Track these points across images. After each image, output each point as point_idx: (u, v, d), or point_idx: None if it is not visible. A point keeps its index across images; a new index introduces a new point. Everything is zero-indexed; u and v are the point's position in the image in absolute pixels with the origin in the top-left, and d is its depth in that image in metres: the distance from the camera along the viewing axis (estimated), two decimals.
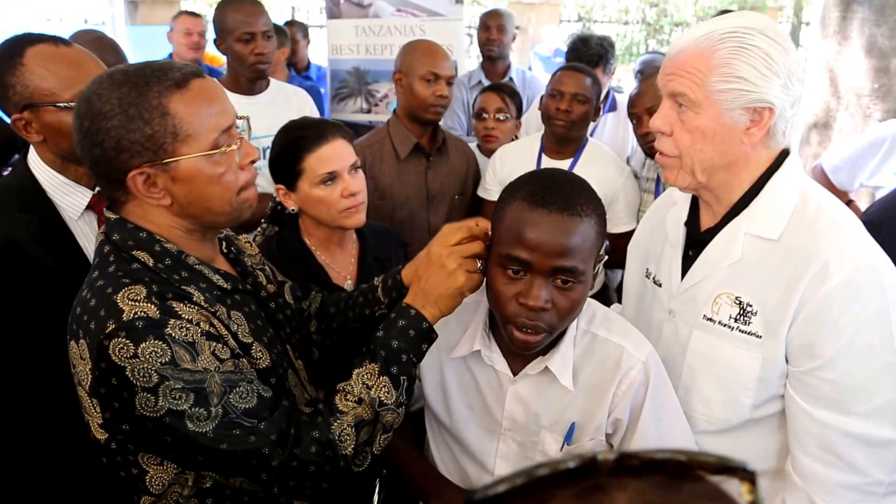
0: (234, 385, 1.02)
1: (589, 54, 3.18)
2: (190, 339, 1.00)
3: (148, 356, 0.96)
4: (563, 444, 1.23)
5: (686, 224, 1.35)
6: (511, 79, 3.56)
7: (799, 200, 1.19)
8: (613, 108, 3.28)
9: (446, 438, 1.36)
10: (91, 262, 1.49)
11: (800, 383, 1.17)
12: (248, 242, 1.42)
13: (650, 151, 2.28)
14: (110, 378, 0.97)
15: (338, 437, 1.07)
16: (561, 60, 5.38)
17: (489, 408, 1.27)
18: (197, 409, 0.98)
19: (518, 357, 1.23)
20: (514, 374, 1.24)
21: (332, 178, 1.65)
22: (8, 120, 1.51)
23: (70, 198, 1.53)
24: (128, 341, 0.96)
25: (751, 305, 1.20)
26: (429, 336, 1.16)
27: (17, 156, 2.64)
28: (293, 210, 1.71)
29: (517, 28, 4.04)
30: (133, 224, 1.08)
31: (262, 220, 1.87)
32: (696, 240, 1.31)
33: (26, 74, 1.41)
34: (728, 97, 1.13)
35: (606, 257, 1.20)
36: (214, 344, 1.04)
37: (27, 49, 1.42)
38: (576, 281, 1.09)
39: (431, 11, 3.59)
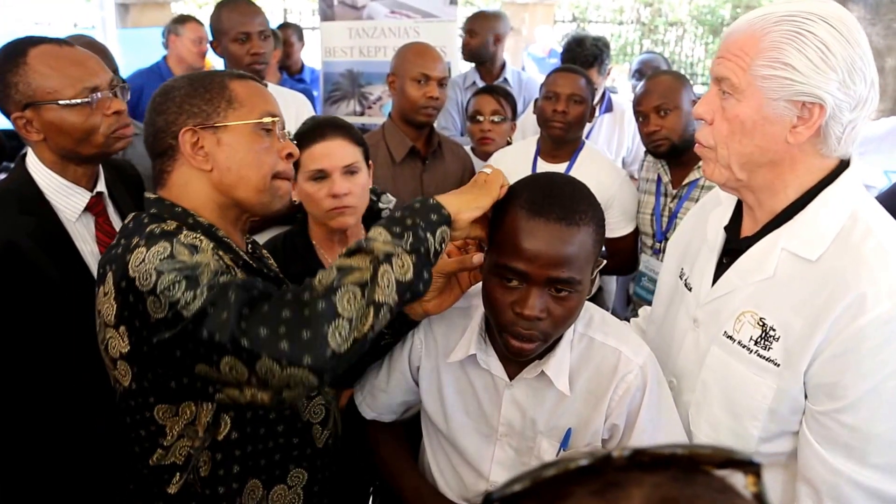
0: (225, 273, 1.05)
1: (584, 55, 3.17)
2: (195, 244, 1.08)
3: (151, 257, 1.03)
4: (559, 450, 1.22)
5: (727, 228, 1.25)
6: (506, 79, 3.54)
7: (848, 220, 1.06)
8: (609, 108, 3.27)
9: (443, 444, 1.35)
10: (87, 265, 1.54)
11: (817, 424, 1.07)
12: (268, 256, 1.46)
13: (655, 150, 2.26)
14: (128, 295, 1.03)
15: (318, 279, 1.02)
16: (556, 62, 5.37)
17: (485, 413, 1.27)
18: (188, 292, 0.99)
19: (514, 361, 1.22)
20: (511, 378, 1.23)
21: (321, 175, 1.66)
22: (6, 122, 1.52)
23: (69, 199, 1.55)
24: (143, 249, 1.04)
25: (774, 329, 1.10)
26: (438, 209, 1.09)
27: (4, 162, 2.61)
28: (296, 201, 1.71)
29: (511, 28, 4.01)
30: (170, 202, 1.17)
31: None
32: (733, 247, 1.21)
33: (29, 73, 1.44)
34: (772, 85, 1.02)
35: (604, 262, 1.18)
36: (219, 262, 1.08)
37: (30, 49, 1.46)
38: (572, 290, 1.09)
39: (425, 13, 3.57)
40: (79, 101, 1.46)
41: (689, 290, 1.30)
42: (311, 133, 1.69)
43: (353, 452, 1.46)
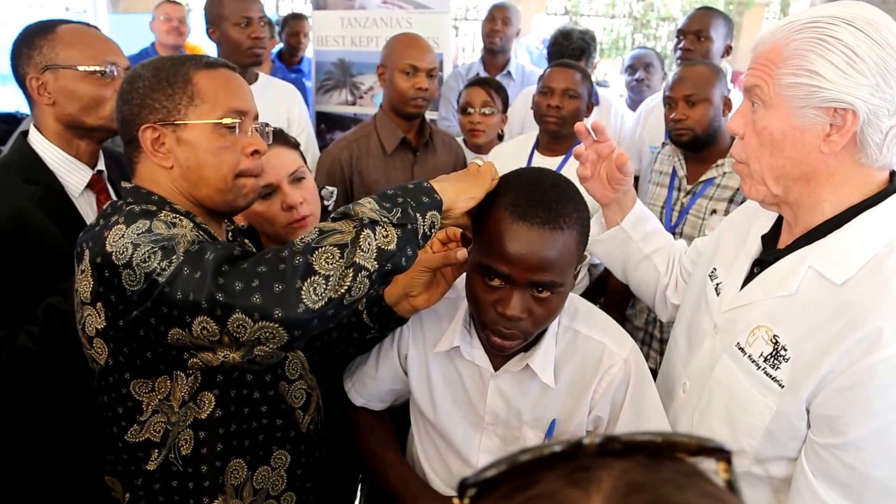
0: (201, 243, 1.03)
1: (571, 48, 3.18)
2: (173, 222, 1.08)
3: (129, 233, 1.03)
4: (544, 441, 1.24)
5: (766, 238, 1.19)
6: (509, 72, 3.55)
7: (884, 248, 0.99)
8: (596, 102, 3.28)
9: (430, 433, 1.36)
10: None
11: (815, 456, 1.01)
12: (248, 243, 1.43)
13: (678, 139, 2.23)
14: (104, 270, 1.02)
15: (300, 238, 1.00)
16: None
17: (472, 402, 1.28)
18: (164, 261, 0.98)
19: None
20: (496, 368, 1.25)
21: (269, 191, 1.47)
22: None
23: (72, 175, 1.59)
24: (123, 225, 1.04)
25: (785, 349, 1.04)
26: (431, 193, 1.05)
27: None
28: (243, 226, 1.53)
29: None
30: (146, 190, 1.16)
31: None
32: (765, 258, 1.16)
33: (56, 39, 1.53)
34: (798, 93, 0.98)
35: (589, 257, 1.20)
36: (197, 234, 1.08)
37: (60, 25, 1.57)
38: (554, 292, 1.10)
39: (418, 4, 3.57)
40: (97, 68, 1.53)
41: (718, 294, 1.24)
42: None
43: (342, 441, 1.46)
